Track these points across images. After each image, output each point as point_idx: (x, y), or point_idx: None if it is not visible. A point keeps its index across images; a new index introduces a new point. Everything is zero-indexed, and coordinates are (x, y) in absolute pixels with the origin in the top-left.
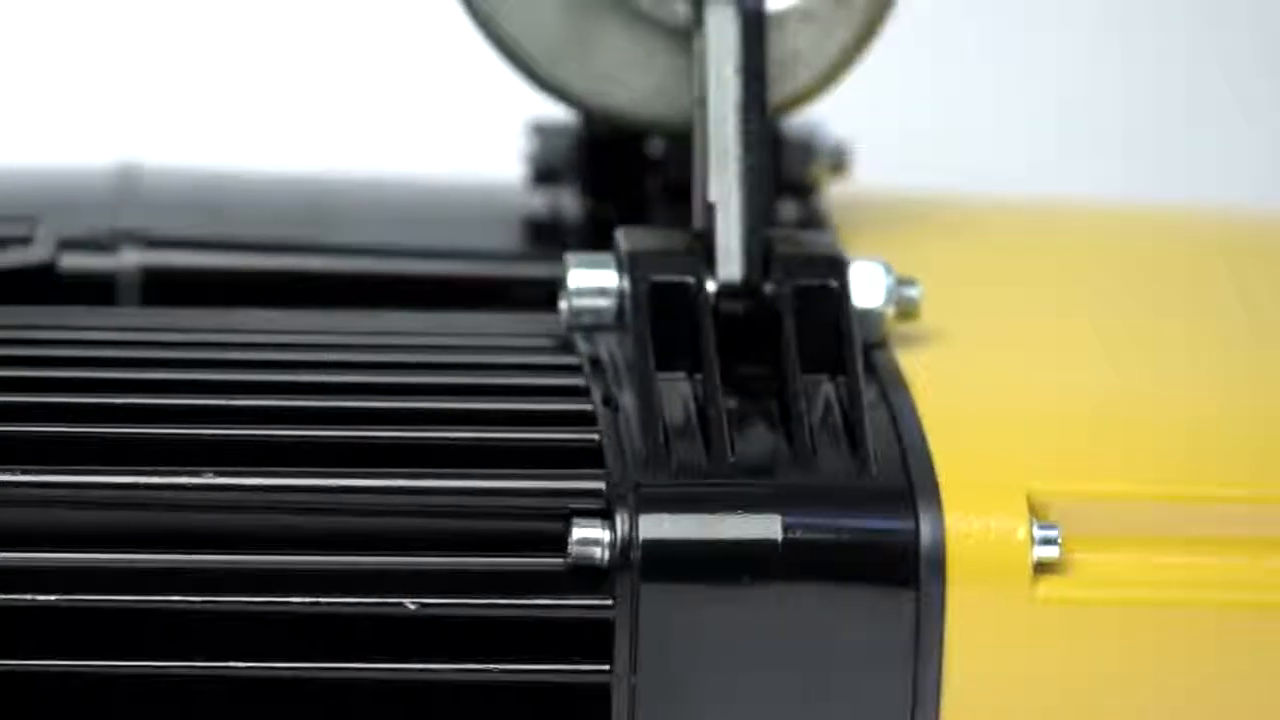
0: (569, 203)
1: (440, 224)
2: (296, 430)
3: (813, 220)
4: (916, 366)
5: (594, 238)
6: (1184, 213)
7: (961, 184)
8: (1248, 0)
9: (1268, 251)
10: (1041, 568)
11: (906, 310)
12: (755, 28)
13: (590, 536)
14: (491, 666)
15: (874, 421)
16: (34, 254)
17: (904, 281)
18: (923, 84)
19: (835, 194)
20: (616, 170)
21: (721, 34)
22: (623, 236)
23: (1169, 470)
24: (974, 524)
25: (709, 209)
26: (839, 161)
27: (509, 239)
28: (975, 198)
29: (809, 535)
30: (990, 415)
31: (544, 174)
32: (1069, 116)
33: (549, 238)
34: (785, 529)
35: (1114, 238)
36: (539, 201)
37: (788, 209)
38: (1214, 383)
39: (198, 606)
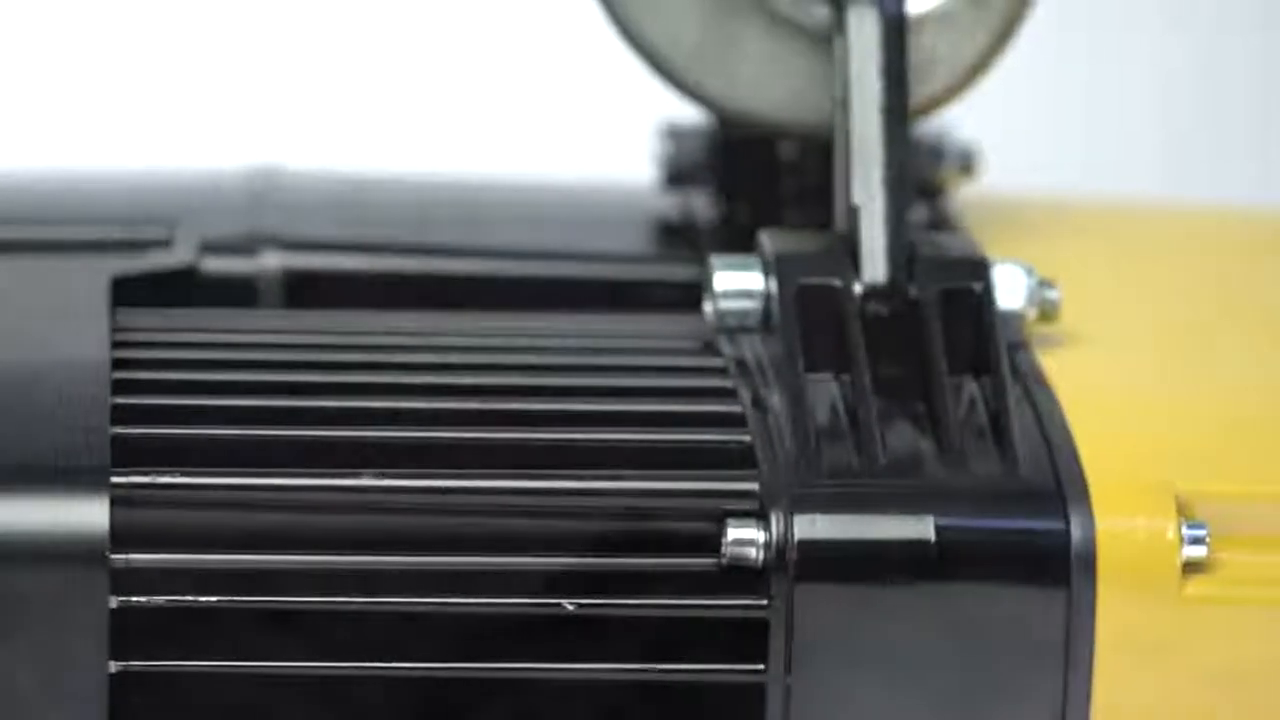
0: (702, 205)
1: (575, 226)
2: (451, 432)
3: (943, 222)
4: (1058, 367)
5: (727, 240)
6: None
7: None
8: None
9: None
10: (1190, 567)
11: (1047, 312)
12: (897, 31)
13: (745, 537)
14: (647, 666)
15: (1020, 422)
16: (175, 257)
17: (1044, 283)
18: (1042, 85)
19: (962, 196)
20: (750, 173)
21: (863, 37)
22: (767, 239)
23: None
24: (1124, 524)
25: (852, 212)
26: (967, 164)
27: (643, 241)
28: (1099, 198)
29: (961, 535)
30: (1134, 415)
31: (677, 176)
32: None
33: (682, 240)
34: (937, 529)
35: (1244, 237)
36: (672, 204)
37: (918, 211)
38: None
39: (355, 607)
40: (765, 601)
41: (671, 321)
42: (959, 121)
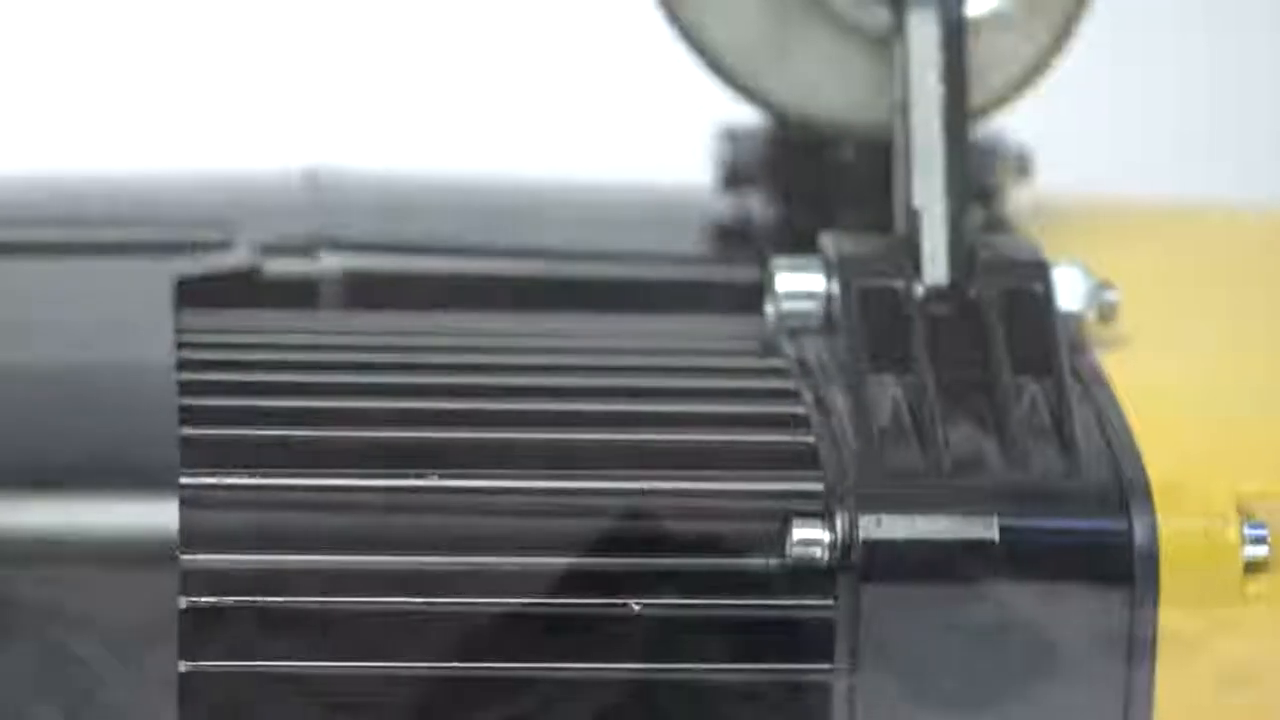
0: (759, 207)
1: (633, 228)
2: (516, 434)
3: (999, 224)
4: (1117, 368)
5: (785, 242)
6: None
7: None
8: None
9: None
10: (1251, 567)
11: (1105, 313)
12: (957, 34)
13: (811, 537)
14: (714, 666)
15: (1081, 423)
16: (235, 259)
17: (1102, 285)
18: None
19: (1018, 198)
20: (808, 175)
21: (923, 40)
22: (829, 241)
23: None
24: (1186, 524)
25: (913, 214)
26: (1022, 166)
27: (700, 243)
28: (1153, 200)
29: (1024, 535)
30: (1194, 416)
31: (734, 178)
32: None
33: (739, 242)
34: (1001, 529)
35: None
36: (729, 205)
37: (974, 214)
38: None
39: (423, 609)
40: (831, 601)
41: (731, 323)
42: (1012, 123)
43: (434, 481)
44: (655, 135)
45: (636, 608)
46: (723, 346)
